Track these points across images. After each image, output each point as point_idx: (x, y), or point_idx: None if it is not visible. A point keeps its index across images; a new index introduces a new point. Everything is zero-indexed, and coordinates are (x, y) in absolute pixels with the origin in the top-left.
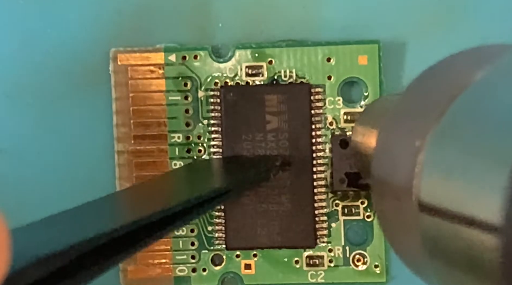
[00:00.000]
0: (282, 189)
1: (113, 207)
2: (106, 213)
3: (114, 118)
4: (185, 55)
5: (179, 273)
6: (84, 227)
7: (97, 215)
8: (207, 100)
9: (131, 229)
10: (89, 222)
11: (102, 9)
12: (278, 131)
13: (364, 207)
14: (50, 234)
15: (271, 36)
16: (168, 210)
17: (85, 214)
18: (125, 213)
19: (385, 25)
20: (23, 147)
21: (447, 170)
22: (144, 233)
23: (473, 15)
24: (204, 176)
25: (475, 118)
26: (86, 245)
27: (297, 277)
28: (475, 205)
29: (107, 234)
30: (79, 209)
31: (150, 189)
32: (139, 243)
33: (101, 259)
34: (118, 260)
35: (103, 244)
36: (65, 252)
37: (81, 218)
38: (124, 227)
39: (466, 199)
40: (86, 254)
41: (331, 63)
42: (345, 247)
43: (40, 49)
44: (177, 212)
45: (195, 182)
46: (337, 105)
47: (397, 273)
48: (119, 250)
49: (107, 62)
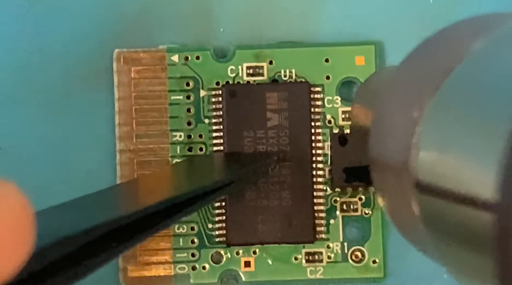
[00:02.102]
0: (283, 184)
1: (119, 196)
2: (113, 202)
3: (117, 117)
4: (187, 55)
5: (179, 271)
6: (93, 214)
7: (104, 204)
8: (208, 100)
9: (139, 216)
10: (98, 210)
11: (106, 11)
12: (278, 128)
13: (362, 203)
14: (65, 218)
15: (270, 39)
16: (176, 198)
17: (92, 203)
18: (132, 202)
19: (382, 27)
20: (25, 146)
21: (442, 143)
22: (149, 222)
23: (471, 14)
24: (206, 169)
25: (471, 90)
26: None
27: (296, 273)
28: (470, 181)
29: (118, 219)
30: (85, 198)
31: (154, 181)
32: (146, 231)
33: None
34: (127, 246)
35: (112, 230)
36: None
37: (90, 206)
38: (133, 214)
39: (461, 175)
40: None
41: (329, 63)
42: (344, 243)
43: (44, 50)
44: (183, 201)
45: (198, 174)
46: (335, 104)
47: (395, 269)
48: (128, 237)
49: (111, 62)
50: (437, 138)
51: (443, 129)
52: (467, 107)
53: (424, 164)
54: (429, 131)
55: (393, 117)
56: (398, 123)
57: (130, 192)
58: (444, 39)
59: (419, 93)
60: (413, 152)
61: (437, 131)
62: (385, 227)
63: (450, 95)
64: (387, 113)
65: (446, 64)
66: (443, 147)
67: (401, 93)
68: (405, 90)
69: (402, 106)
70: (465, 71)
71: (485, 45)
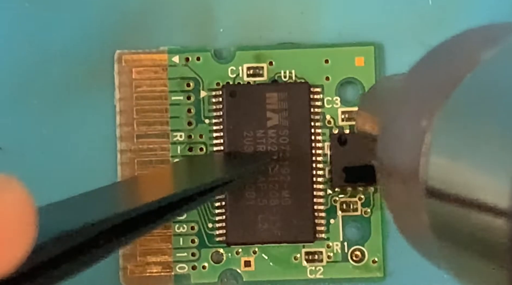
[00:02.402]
0: (282, 184)
1: (119, 193)
2: (113, 198)
3: (118, 118)
4: (188, 57)
5: (179, 271)
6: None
7: (104, 200)
8: (209, 100)
9: (139, 212)
10: (99, 206)
11: (108, 12)
12: (278, 128)
13: (362, 203)
14: (65, 214)
15: (270, 40)
16: (176, 195)
17: (92, 199)
18: (132, 199)
19: (381, 28)
20: (25, 146)
21: (454, 151)
22: (149, 217)
23: (470, 16)
24: (206, 167)
25: (482, 99)
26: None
27: (296, 273)
28: (483, 188)
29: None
30: (85, 195)
31: (154, 179)
32: (145, 227)
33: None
34: (125, 242)
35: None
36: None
37: (90, 202)
38: (133, 210)
39: (474, 183)
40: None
41: (329, 64)
42: (344, 242)
43: (46, 50)
44: (183, 198)
45: (197, 173)
46: (335, 105)
47: (394, 269)
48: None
49: (111, 63)
50: (448, 147)
51: (454, 137)
52: (478, 116)
53: (435, 171)
54: (439, 140)
55: (402, 126)
56: (407, 132)
57: (131, 189)
58: (453, 49)
59: (428, 102)
60: (423, 159)
61: (448, 139)
62: (385, 226)
63: (460, 103)
64: (396, 122)
65: (456, 73)
66: (454, 154)
67: (409, 102)
68: (414, 99)
69: (411, 115)
70: (476, 81)
71: (495, 54)
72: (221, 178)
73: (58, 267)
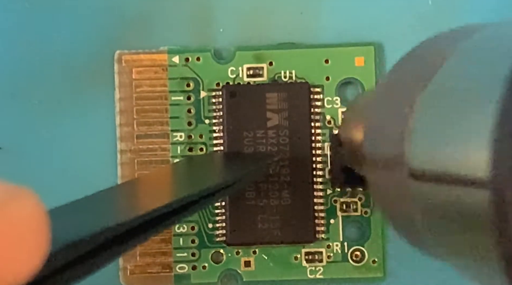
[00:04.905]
0: (282, 184)
1: (121, 198)
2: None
3: (118, 118)
4: (188, 57)
5: (179, 271)
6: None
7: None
8: (209, 100)
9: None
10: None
11: (108, 12)
12: (278, 128)
13: (362, 203)
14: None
15: (270, 40)
16: (178, 201)
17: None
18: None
19: (381, 27)
20: (25, 146)
21: (435, 132)
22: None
23: (470, 16)
24: (206, 170)
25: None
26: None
27: (296, 273)
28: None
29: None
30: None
31: (154, 182)
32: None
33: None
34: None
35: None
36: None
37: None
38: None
39: (454, 159)
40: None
41: (329, 64)
42: (344, 243)
43: (46, 51)
44: (184, 204)
45: (198, 176)
46: (335, 105)
47: (394, 269)
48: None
49: (112, 64)
50: (428, 127)
51: (434, 117)
52: (455, 96)
53: (418, 152)
54: (421, 122)
55: (386, 118)
56: (391, 121)
57: (132, 193)
58: (430, 46)
59: (409, 90)
60: (407, 143)
61: (428, 120)
62: (385, 226)
63: (438, 88)
64: (380, 115)
65: (433, 64)
66: (435, 135)
67: (392, 95)
68: (396, 91)
69: (394, 106)
70: (452, 65)
71: (469, 43)
72: (222, 182)
73: (62, 274)
